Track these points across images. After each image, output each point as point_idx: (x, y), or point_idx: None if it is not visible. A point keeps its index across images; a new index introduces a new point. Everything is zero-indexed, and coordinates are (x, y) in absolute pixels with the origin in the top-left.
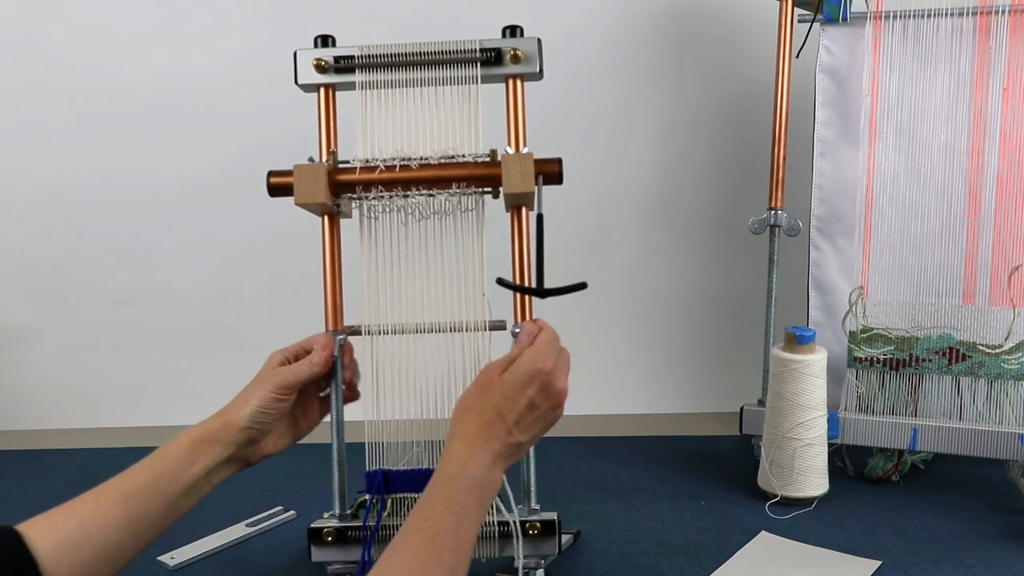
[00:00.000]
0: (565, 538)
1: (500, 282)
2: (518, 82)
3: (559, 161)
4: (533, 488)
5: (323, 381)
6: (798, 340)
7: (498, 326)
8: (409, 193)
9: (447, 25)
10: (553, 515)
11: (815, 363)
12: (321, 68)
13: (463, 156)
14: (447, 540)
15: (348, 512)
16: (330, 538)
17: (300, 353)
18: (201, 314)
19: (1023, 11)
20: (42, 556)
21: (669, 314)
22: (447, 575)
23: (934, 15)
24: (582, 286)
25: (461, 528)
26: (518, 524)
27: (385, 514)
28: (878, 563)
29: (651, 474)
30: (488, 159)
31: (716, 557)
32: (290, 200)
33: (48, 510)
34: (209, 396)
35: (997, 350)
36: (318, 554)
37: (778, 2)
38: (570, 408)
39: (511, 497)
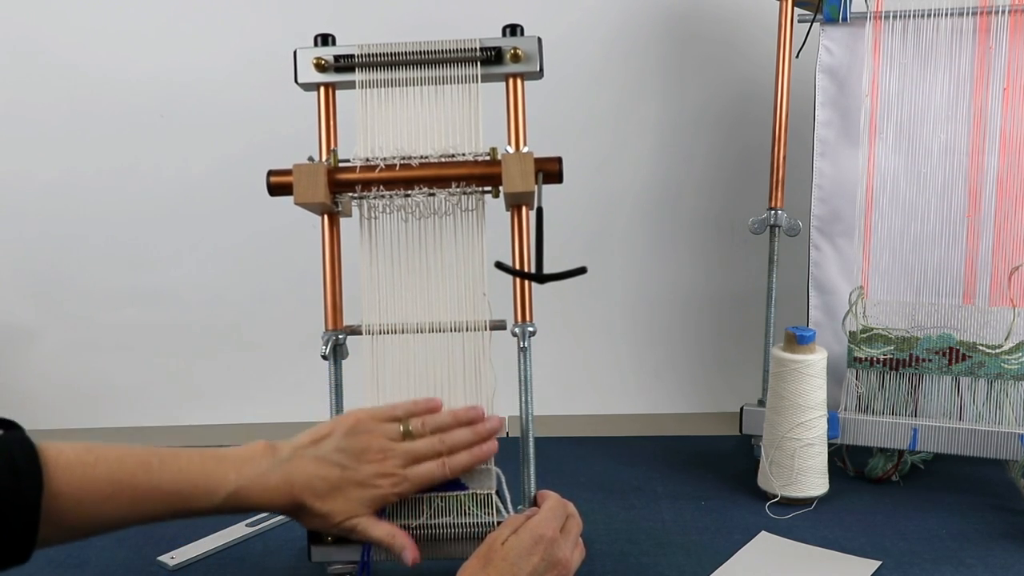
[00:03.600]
0: None
1: (499, 266)
2: (518, 81)
3: (559, 160)
4: (532, 488)
5: None
6: (798, 340)
7: (498, 326)
8: (410, 192)
9: (447, 24)
10: None
11: (815, 363)
12: (321, 67)
13: (463, 155)
14: None
15: None
16: (330, 538)
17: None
18: (201, 313)
19: (1023, 11)
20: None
21: (669, 314)
22: None
23: (934, 15)
24: (582, 271)
25: None
26: None
27: (385, 514)
28: (878, 563)
29: (651, 474)
30: (488, 158)
31: (716, 557)
32: (290, 199)
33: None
34: (210, 396)
35: (997, 350)
36: (318, 554)
37: (778, 2)
38: (571, 408)
39: (509, 498)
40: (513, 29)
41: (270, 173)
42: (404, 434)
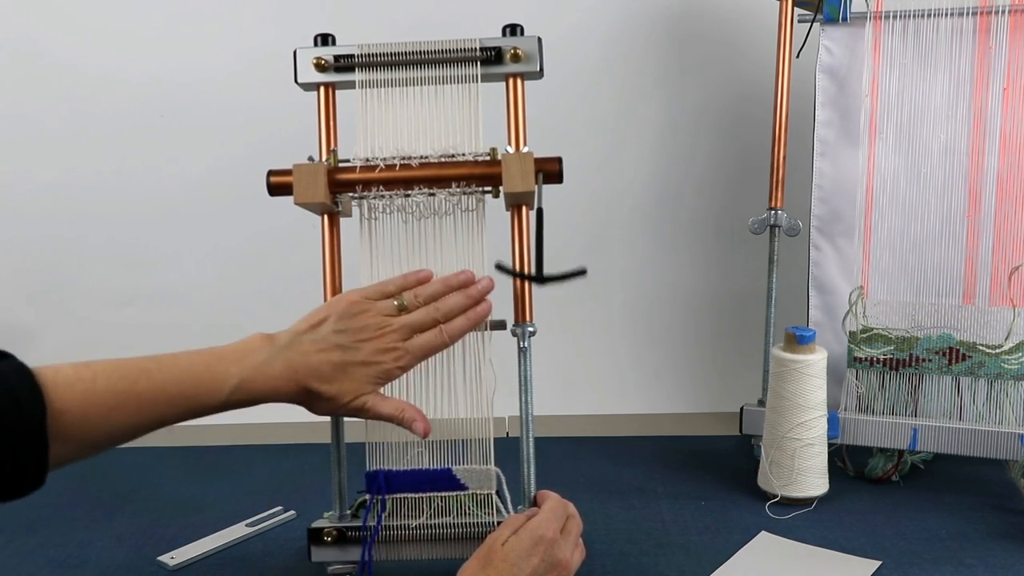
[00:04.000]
0: None
1: (499, 267)
2: (518, 81)
3: (559, 160)
4: (532, 488)
5: None
6: (798, 340)
7: (498, 326)
8: (410, 192)
9: (447, 24)
10: None
11: (815, 363)
12: (321, 67)
13: (463, 155)
14: None
15: (348, 512)
16: (330, 538)
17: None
18: (201, 314)
19: (1023, 11)
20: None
21: (669, 314)
22: None
23: (934, 15)
24: (581, 272)
25: None
26: None
27: (385, 514)
28: (878, 563)
29: (651, 474)
30: (488, 158)
31: (716, 557)
32: (290, 199)
33: None
34: None
35: (997, 350)
36: (318, 554)
37: (778, 2)
38: (570, 408)
39: (509, 498)
40: (513, 29)
41: (270, 173)
42: (399, 308)
